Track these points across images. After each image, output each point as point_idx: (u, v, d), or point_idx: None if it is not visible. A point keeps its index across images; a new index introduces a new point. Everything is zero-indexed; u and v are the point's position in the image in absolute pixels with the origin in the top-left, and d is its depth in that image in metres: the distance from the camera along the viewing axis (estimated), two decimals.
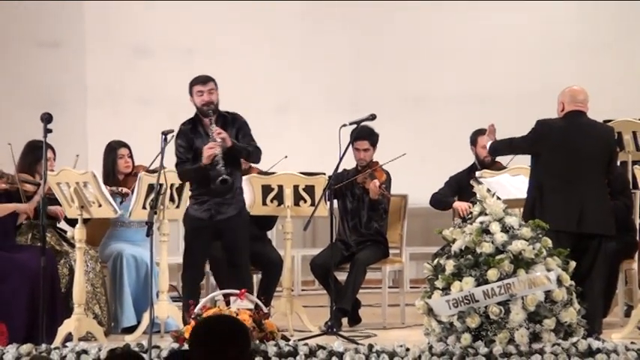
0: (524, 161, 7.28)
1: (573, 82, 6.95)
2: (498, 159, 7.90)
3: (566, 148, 6.71)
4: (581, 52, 10.27)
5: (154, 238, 6.46)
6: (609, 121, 7.26)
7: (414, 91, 10.40)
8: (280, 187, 7.54)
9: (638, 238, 7.48)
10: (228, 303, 6.48)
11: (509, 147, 7.02)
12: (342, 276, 7.74)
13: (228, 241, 7.15)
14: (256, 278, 7.86)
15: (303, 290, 9.71)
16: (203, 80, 7.13)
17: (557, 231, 6.41)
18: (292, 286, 7.73)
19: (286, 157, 8.37)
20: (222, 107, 7.21)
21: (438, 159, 9.53)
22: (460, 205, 7.86)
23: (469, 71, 10.35)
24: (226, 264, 7.22)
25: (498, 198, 6.27)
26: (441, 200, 8.10)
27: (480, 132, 8.09)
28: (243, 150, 7.06)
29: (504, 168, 7.82)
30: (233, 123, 7.15)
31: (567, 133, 6.74)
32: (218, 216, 7.07)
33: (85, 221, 7.04)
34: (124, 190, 7.52)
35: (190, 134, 7.10)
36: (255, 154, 7.12)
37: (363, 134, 7.66)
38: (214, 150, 6.90)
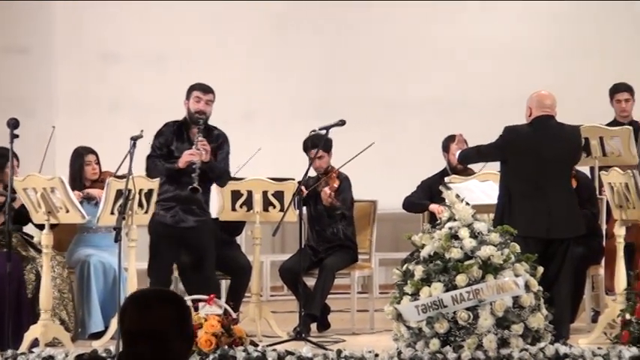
0: (494, 167, 7.27)
1: (547, 87, 6.98)
2: (470, 166, 7.90)
3: (533, 153, 6.71)
4: (555, 57, 10.28)
5: (122, 244, 6.42)
6: (579, 125, 7.25)
7: (383, 96, 10.37)
8: (249, 193, 7.52)
9: (604, 243, 7.49)
10: (196, 309, 6.44)
11: (478, 154, 7.03)
12: (310, 281, 7.73)
13: (193, 249, 7.17)
14: (225, 284, 7.84)
15: (271, 296, 9.70)
16: (205, 89, 7.16)
17: (525, 236, 6.42)
18: (261, 292, 7.73)
19: (260, 149, 8.34)
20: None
21: (407, 164, 9.51)
22: (437, 208, 7.81)
23: (439, 76, 10.34)
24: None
25: (467, 204, 6.28)
26: (415, 203, 8.08)
27: (452, 138, 8.05)
28: (217, 170, 7.09)
29: (475, 174, 7.82)
30: (217, 139, 7.18)
31: (535, 139, 6.75)
32: (182, 223, 7.07)
33: (53, 227, 6.99)
34: (90, 192, 7.47)
35: (172, 134, 7.08)
36: (224, 177, 7.18)
37: (315, 142, 7.66)
38: (194, 157, 6.88)
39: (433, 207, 7.86)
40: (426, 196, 8.05)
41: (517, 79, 9.81)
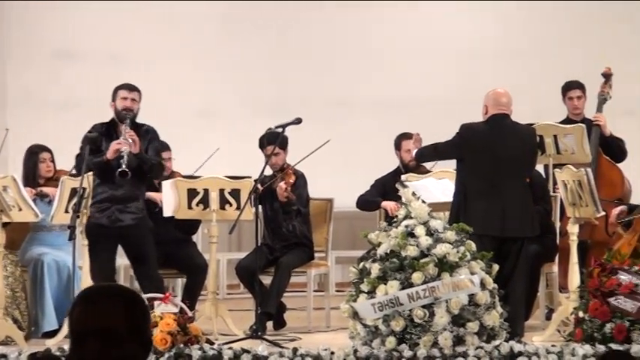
0: (449, 165, 7.30)
1: (500, 84, 6.99)
2: (423, 163, 7.92)
3: (489, 151, 6.72)
4: (506, 54, 10.31)
5: (77, 242, 6.36)
6: (531, 124, 7.31)
7: (338, 94, 10.36)
8: (206, 191, 7.46)
9: (558, 241, 7.53)
10: (152, 307, 6.40)
11: (435, 152, 7.03)
12: (267, 280, 7.70)
13: (132, 249, 7.18)
14: (181, 282, 7.79)
15: (228, 294, 9.63)
16: (129, 87, 7.20)
17: (480, 234, 6.43)
18: (217, 290, 7.73)
19: (218, 149, 8.28)
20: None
21: (363, 162, 9.52)
22: (389, 204, 7.86)
23: (394, 74, 10.33)
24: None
25: (423, 201, 6.28)
26: (368, 201, 8.09)
27: (404, 136, 8.11)
28: (148, 161, 7.09)
29: (429, 172, 7.85)
30: (145, 135, 7.18)
31: (490, 137, 6.76)
32: (119, 222, 7.07)
33: (5, 225, 6.91)
34: (44, 190, 7.41)
35: (101, 135, 7.11)
36: (157, 168, 7.18)
37: (270, 139, 7.65)
38: (121, 146, 6.88)
39: (385, 204, 7.88)
40: (380, 195, 8.06)
41: (470, 79, 9.86)
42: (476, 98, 7.04)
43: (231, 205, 7.43)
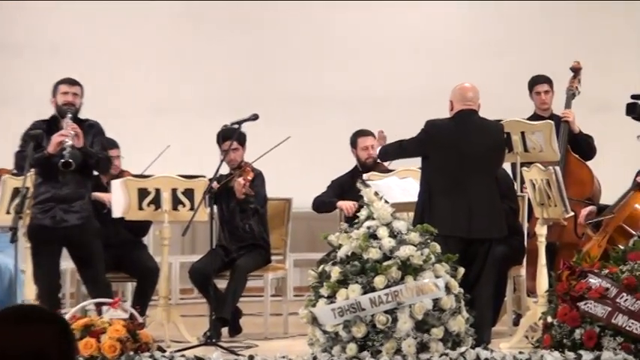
0: (413, 163, 7.25)
1: (468, 81, 6.93)
2: (386, 161, 7.89)
3: (455, 149, 6.69)
4: (473, 51, 10.40)
5: (19, 245, 6.26)
6: (499, 120, 7.24)
7: (298, 92, 10.43)
8: (157, 191, 7.39)
9: (526, 242, 7.47)
10: (100, 312, 6.34)
11: (399, 150, 6.99)
12: (222, 284, 7.67)
13: (78, 251, 7.05)
14: (131, 286, 7.73)
15: (181, 299, 9.65)
16: (70, 81, 7.11)
17: (445, 236, 6.40)
18: (169, 295, 7.65)
19: (169, 146, 8.24)
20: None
21: (323, 161, 9.58)
22: (344, 204, 7.86)
23: (358, 71, 10.44)
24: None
25: (386, 201, 6.22)
26: (324, 202, 8.09)
27: (360, 133, 8.11)
28: (94, 156, 6.99)
29: (389, 170, 7.82)
30: (89, 129, 7.09)
31: (456, 134, 6.72)
32: (64, 223, 6.93)
33: None
34: None
35: (42, 132, 6.97)
36: (104, 163, 7.10)
37: (229, 134, 7.61)
38: (64, 138, 6.77)
39: (341, 204, 7.89)
40: (336, 196, 8.06)
41: (437, 76, 9.91)
42: (443, 95, 7.03)
43: (184, 205, 7.38)
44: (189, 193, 7.38)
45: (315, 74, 10.42)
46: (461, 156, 6.66)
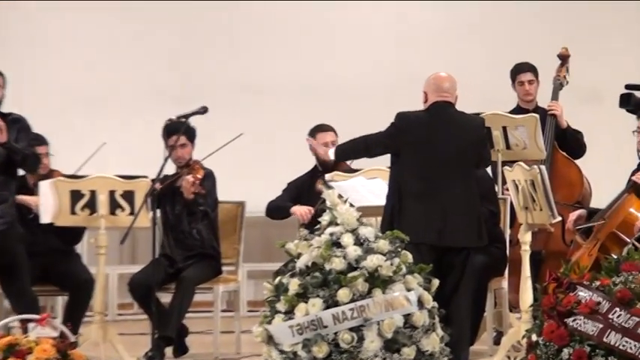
0: (382, 162, 7.28)
1: (443, 70, 6.97)
2: (345, 161, 7.91)
3: (429, 145, 6.72)
4: (449, 35, 10.48)
5: None
6: (478, 114, 7.31)
7: (251, 82, 10.46)
8: (93, 193, 7.41)
9: (507, 251, 7.54)
10: (25, 330, 6.31)
11: (363, 147, 6.97)
12: (166, 298, 7.70)
13: (1, 256, 7.05)
14: (62, 300, 7.74)
15: (119, 315, 9.68)
16: None
17: (418, 243, 6.44)
18: (106, 310, 7.67)
19: (105, 143, 8.28)
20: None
21: (281, 160, 9.62)
22: (299, 210, 7.89)
23: (317, 58, 10.48)
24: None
25: (351, 205, 6.22)
26: (277, 207, 8.12)
27: (318, 128, 8.13)
28: (19, 152, 7.01)
29: (354, 170, 7.83)
30: (13, 124, 7.10)
31: (431, 128, 6.75)
32: None
33: None
34: None
35: None
36: (32, 160, 7.10)
37: (175, 128, 7.65)
38: None
39: (295, 209, 7.93)
40: (293, 200, 8.09)
41: (404, 63, 9.95)
42: (415, 85, 7.04)
43: (123, 209, 7.40)
44: (128, 195, 7.39)
45: (271, 61, 10.46)
46: (436, 153, 6.70)
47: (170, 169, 7.82)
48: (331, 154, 7.29)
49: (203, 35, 10.46)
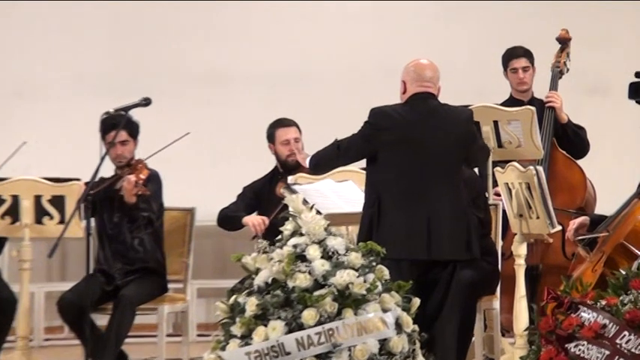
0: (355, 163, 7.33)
1: (421, 56, 6.97)
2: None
3: (410, 144, 6.72)
4: (424, 18, 10.56)
5: None
6: (466, 107, 7.29)
7: (206, 71, 10.47)
8: (15, 198, 7.43)
9: (500, 265, 7.53)
10: None
11: (336, 154, 6.98)
12: (102, 320, 7.68)
13: None
14: None
15: (46, 340, 9.66)
16: None
17: (398, 258, 6.47)
18: (30, 335, 7.76)
19: (25, 142, 8.21)
20: None
21: (237, 159, 9.60)
22: (251, 220, 7.91)
23: (277, 43, 10.50)
24: None
25: (318, 212, 6.22)
26: (228, 217, 8.14)
27: (279, 123, 8.17)
28: None
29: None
30: None
31: (411, 124, 6.75)
32: None
33: None
34: None
35: None
36: None
37: (114, 122, 7.64)
38: None
39: (247, 219, 7.95)
40: (250, 207, 8.11)
41: (379, 48, 9.98)
42: (392, 74, 7.08)
43: (51, 217, 7.41)
44: (58, 201, 7.40)
45: (230, 49, 10.46)
46: (418, 153, 6.71)
47: (108, 170, 7.80)
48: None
49: (149, 17, 10.41)
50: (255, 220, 7.86)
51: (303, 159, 7.53)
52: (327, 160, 7.12)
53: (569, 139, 8.17)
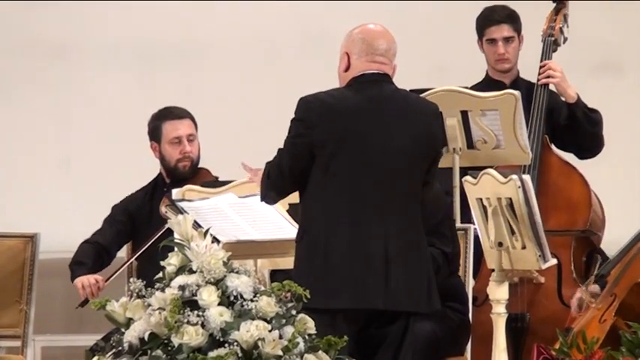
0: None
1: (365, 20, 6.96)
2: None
3: (356, 146, 6.72)
4: None
5: None
6: (425, 90, 7.32)
7: (47, 36, 10.48)
8: None
9: (470, 315, 7.61)
10: None
11: (280, 173, 6.81)
12: None
13: None
14: None
15: None
16: None
17: (335, 309, 6.57)
18: None
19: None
20: None
21: (99, 168, 9.53)
22: (80, 282, 8.00)
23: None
24: None
25: (215, 239, 6.27)
26: (72, 263, 8.19)
27: (166, 115, 8.33)
28: None
29: (221, 183, 7.89)
30: None
31: (357, 118, 6.74)
32: None
33: None
34: None
35: None
36: None
37: None
38: None
39: (77, 281, 8.04)
40: (122, 236, 8.24)
41: (307, 13, 9.99)
42: (326, 44, 7.07)
43: None
44: None
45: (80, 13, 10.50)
46: (368, 160, 6.71)
47: None
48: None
49: None
50: (86, 281, 7.91)
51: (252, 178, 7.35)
52: (273, 182, 6.90)
53: (578, 127, 8.19)
